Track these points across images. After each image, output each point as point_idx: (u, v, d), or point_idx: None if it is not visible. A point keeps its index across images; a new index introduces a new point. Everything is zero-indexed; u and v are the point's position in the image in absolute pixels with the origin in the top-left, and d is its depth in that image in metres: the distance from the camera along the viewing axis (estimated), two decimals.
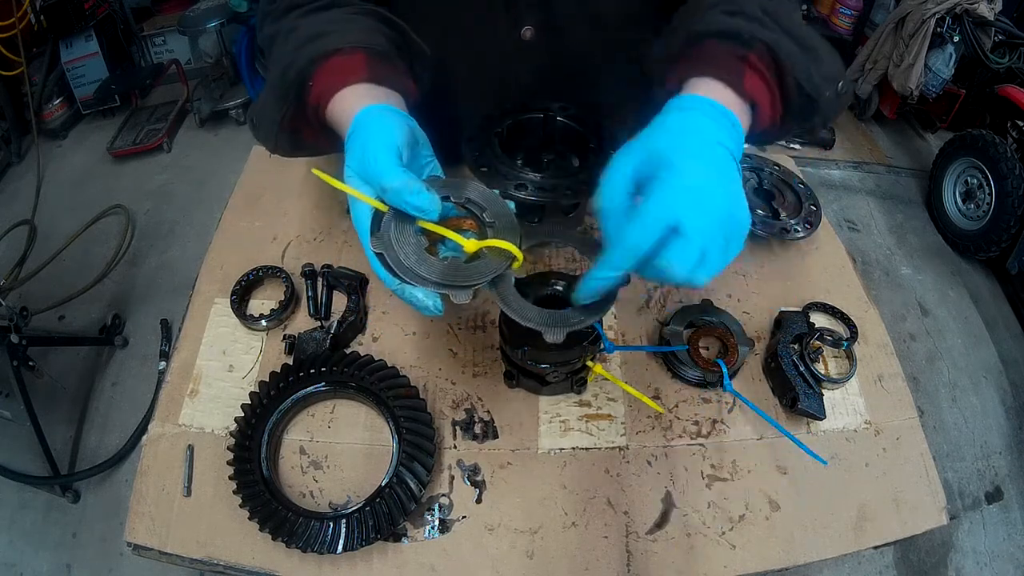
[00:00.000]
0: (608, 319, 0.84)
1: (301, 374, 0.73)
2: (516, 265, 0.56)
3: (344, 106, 0.60)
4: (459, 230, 0.57)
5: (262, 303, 0.85)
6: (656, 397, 0.77)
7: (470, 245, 0.55)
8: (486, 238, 0.56)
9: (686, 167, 0.47)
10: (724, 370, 0.75)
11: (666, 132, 0.51)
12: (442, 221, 0.55)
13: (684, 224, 0.46)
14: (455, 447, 0.73)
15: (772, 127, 0.61)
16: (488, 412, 0.75)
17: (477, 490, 0.70)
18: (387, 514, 0.64)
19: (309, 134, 0.68)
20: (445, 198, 0.56)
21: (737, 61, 0.57)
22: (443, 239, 0.56)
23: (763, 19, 0.60)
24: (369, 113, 0.58)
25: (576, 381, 0.75)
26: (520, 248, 0.56)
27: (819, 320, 0.85)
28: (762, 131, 0.60)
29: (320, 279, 0.85)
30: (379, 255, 0.54)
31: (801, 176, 1.02)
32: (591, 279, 0.52)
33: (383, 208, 0.55)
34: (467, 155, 0.76)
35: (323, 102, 0.61)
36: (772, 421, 0.73)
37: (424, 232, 0.55)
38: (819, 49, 0.62)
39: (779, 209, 0.95)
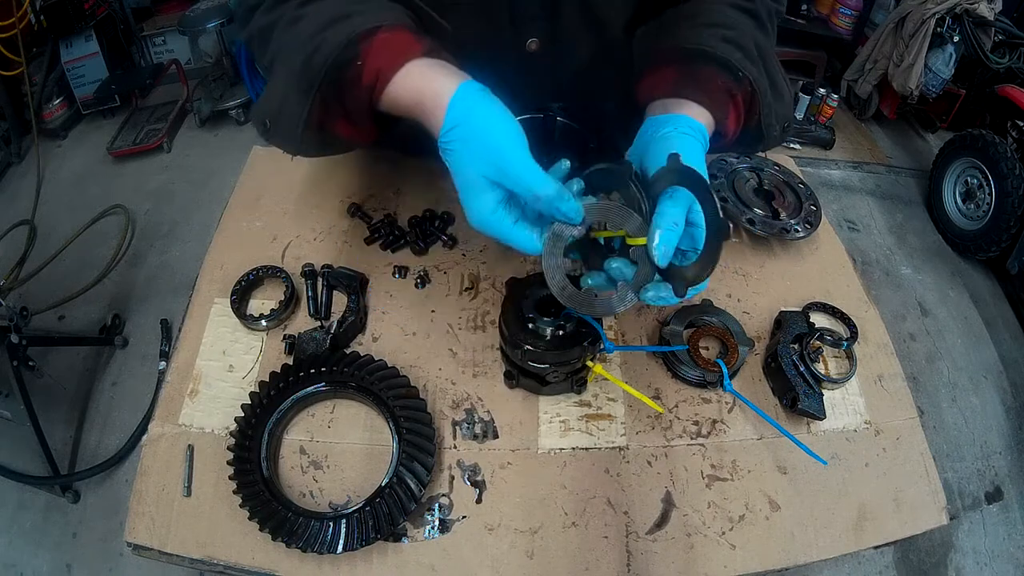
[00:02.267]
0: (608, 319, 0.84)
1: (301, 374, 0.73)
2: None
3: (417, 84, 0.56)
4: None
5: (262, 303, 0.85)
6: (656, 397, 0.77)
7: (637, 240, 0.56)
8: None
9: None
10: (724, 370, 0.74)
11: (692, 172, 0.56)
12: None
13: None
14: (455, 447, 0.73)
15: (719, 147, 0.69)
16: (488, 412, 0.75)
17: (477, 490, 0.70)
18: (387, 514, 0.64)
19: (343, 126, 0.62)
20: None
21: (727, 97, 0.64)
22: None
23: (755, 57, 0.65)
24: (476, 97, 0.55)
25: (576, 381, 0.75)
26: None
27: (819, 320, 0.85)
28: (709, 145, 0.66)
29: (320, 279, 0.85)
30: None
31: (801, 176, 1.02)
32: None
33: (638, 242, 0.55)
34: None
35: (381, 81, 0.57)
36: (772, 421, 0.73)
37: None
38: (784, 93, 0.68)
39: (779, 209, 0.95)
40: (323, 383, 0.74)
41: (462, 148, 0.55)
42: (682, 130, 0.61)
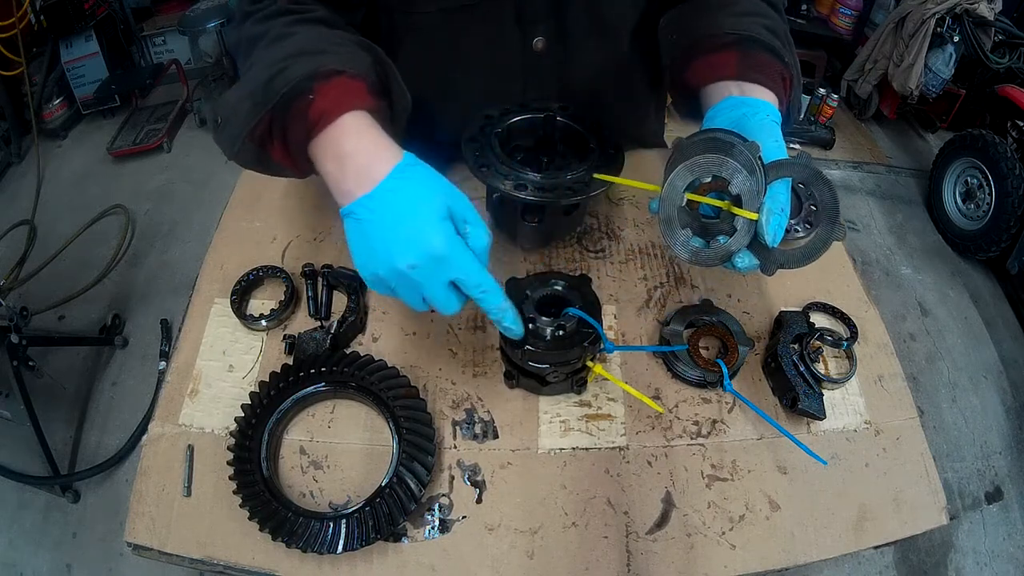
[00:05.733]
0: (608, 319, 0.84)
1: (301, 374, 0.73)
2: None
3: (351, 131, 0.58)
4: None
5: (262, 303, 0.85)
6: (656, 397, 0.77)
7: (746, 213, 0.60)
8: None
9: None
10: (724, 370, 0.75)
11: (782, 147, 0.63)
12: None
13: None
14: (455, 447, 0.73)
15: None
16: (488, 412, 0.75)
17: (477, 490, 0.70)
18: (387, 514, 0.64)
19: (279, 151, 0.63)
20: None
21: (782, 81, 0.68)
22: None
23: (788, 44, 0.70)
24: (419, 175, 0.57)
25: (576, 381, 0.75)
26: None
27: (819, 320, 0.85)
28: None
29: (320, 279, 0.85)
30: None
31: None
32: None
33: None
34: (467, 155, 0.76)
35: (322, 122, 0.58)
36: (772, 421, 0.73)
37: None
38: (800, 76, 0.73)
39: None
40: (323, 383, 0.74)
41: (422, 178, 0.57)
42: (773, 118, 0.64)
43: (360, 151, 0.57)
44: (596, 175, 0.74)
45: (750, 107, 0.64)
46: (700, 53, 0.71)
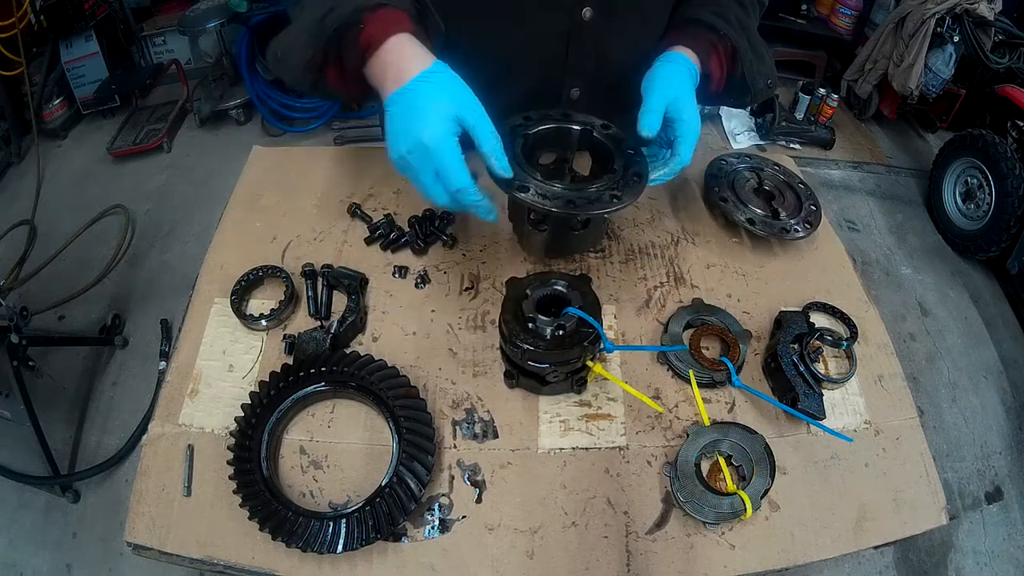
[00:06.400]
0: (608, 319, 0.84)
1: (301, 374, 0.73)
2: None
3: (394, 46, 0.68)
4: None
5: (262, 303, 0.85)
6: (656, 397, 0.77)
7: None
8: None
9: (690, 108, 0.79)
10: (731, 367, 0.75)
11: (675, 79, 0.79)
12: None
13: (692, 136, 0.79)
14: (455, 447, 0.73)
15: (714, 94, 0.89)
16: (488, 412, 0.75)
17: (477, 490, 0.70)
18: (387, 514, 0.64)
19: (335, 77, 0.74)
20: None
21: (709, 46, 0.84)
22: None
23: (735, 24, 0.86)
24: (439, 77, 0.67)
25: (576, 381, 0.75)
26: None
27: (819, 320, 0.85)
28: (707, 95, 0.87)
29: (320, 279, 0.85)
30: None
31: (801, 176, 1.03)
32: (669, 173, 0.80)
33: None
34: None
35: (372, 47, 0.68)
36: (786, 408, 0.74)
37: None
38: (765, 55, 0.88)
39: (779, 209, 0.95)
40: (323, 383, 0.74)
41: (440, 83, 0.67)
42: (669, 58, 0.82)
43: (399, 59, 0.68)
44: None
45: (664, 58, 0.82)
46: (665, 36, 0.90)
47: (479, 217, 0.70)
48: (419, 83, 0.67)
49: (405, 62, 0.68)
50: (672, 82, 0.78)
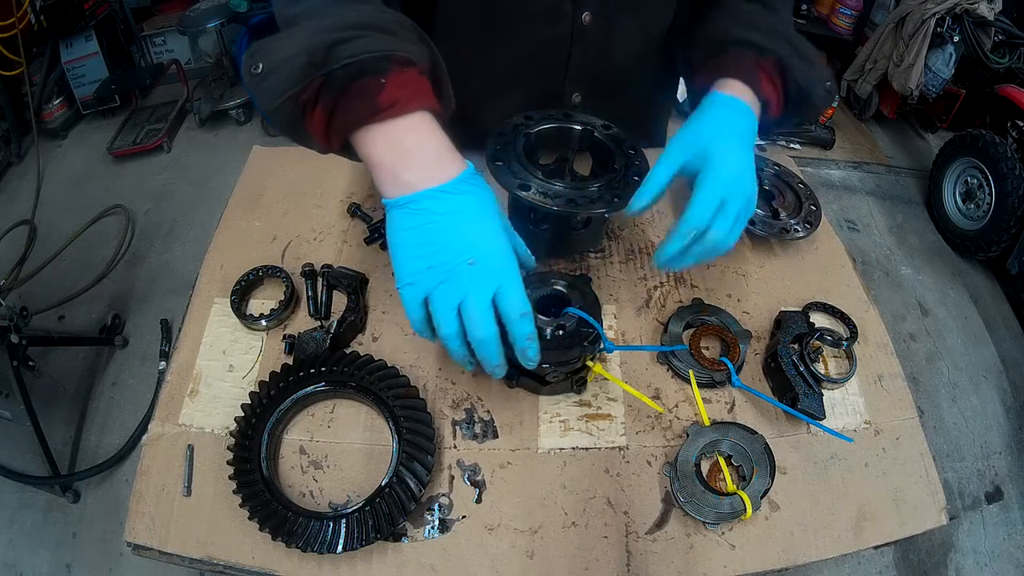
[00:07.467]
0: (608, 319, 0.84)
1: (301, 374, 0.73)
2: None
3: (421, 127, 0.58)
4: None
5: (262, 303, 0.85)
6: (656, 397, 0.77)
7: None
8: None
9: (728, 160, 0.66)
10: (731, 367, 0.75)
11: (708, 126, 0.69)
12: None
13: (727, 203, 0.65)
14: (455, 447, 0.73)
15: (776, 119, 0.77)
16: (488, 412, 0.75)
17: (477, 490, 0.70)
18: (387, 514, 0.64)
19: (316, 121, 0.58)
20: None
21: (756, 68, 0.72)
22: None
23: (771, 34, 0.74)
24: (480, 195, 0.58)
25: (576, 381, 0.75)
26: None
27: (819, 320, 0.85)
28: (769, 122, 0.76)
29: (320, 279, 0.85)
30: None
31: (801, 176, 1.02)
32: (671, 245, 0.67)
33: None
34: (489, 145, 0.76)
35: (394, 109, 0.56)
36: (786, 408, 0.74)
37: None
38: (812, 58, 0.76)
39: (779, 209, 0.95)
40: (323, 383, 0.74)
41: (487, 190, 0.60)
42: (713, 102, 0.72)
43: (429, 148, 0.58)
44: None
45: (707, 102, 0.72)
46: (694, 69, 0.81)
47: (521, 356, 0.60)
48: (470, 185, 0.58)
49: (440, 154, 0.58)
50: (697, 138, 0.68)
